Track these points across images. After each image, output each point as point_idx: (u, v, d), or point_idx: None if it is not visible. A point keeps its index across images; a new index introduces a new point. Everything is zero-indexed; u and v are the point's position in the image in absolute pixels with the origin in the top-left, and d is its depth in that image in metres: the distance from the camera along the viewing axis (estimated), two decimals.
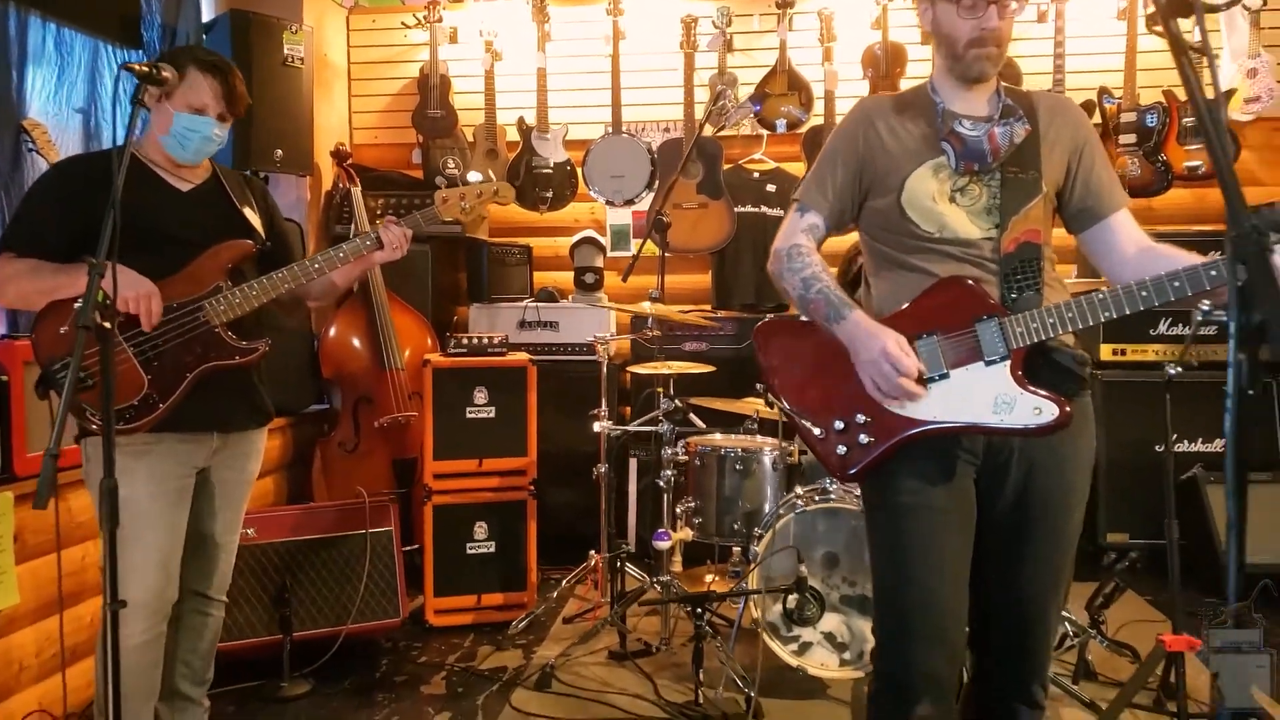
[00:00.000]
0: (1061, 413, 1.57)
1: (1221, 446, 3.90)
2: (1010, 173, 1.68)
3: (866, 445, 1.66)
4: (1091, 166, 1.74)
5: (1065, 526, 1.69)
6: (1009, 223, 1.67)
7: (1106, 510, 3.98)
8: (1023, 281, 1.65)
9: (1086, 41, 4.21)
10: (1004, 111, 1.71)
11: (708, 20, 4.25)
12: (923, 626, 1.63)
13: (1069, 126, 1.74)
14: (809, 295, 1.72)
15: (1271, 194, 4.14)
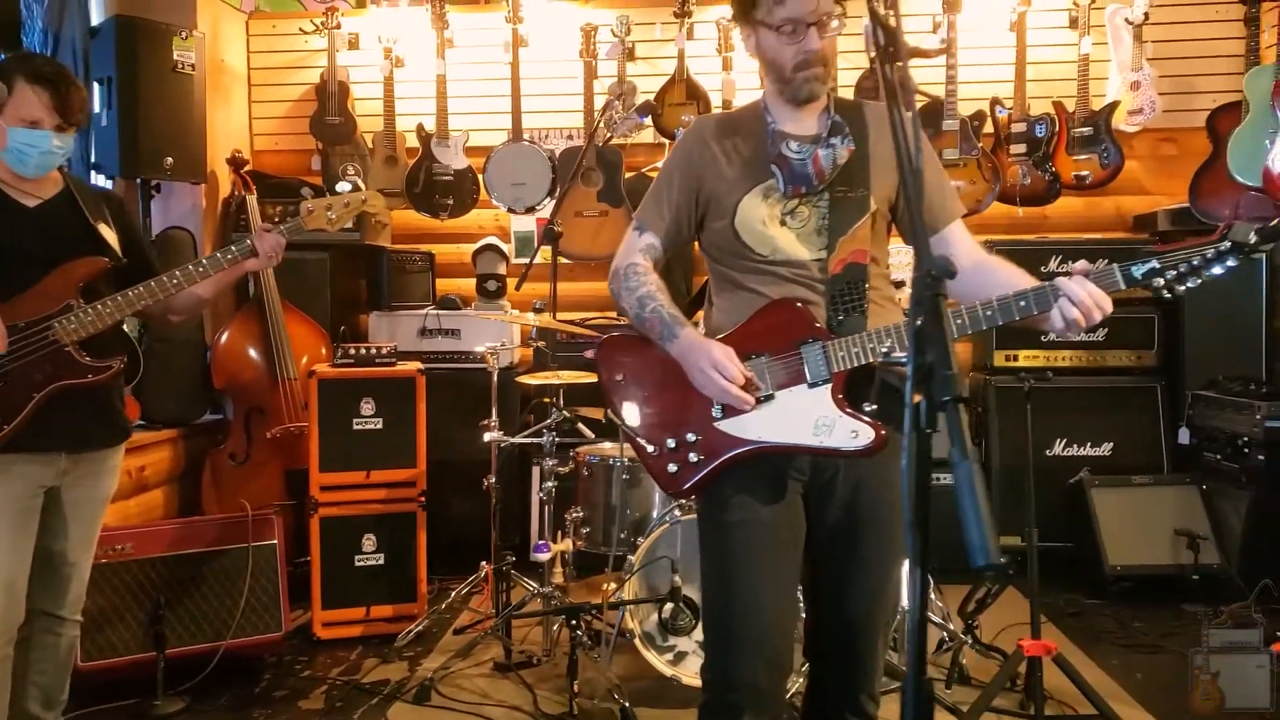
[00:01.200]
0: (877, 436, 1.60)
1: (1109, 450, 4.03)
2: (839, 193, 1.70)
3: (696, 464, 1.68)
4: (926, 180, 1.75)
5: (892, 539, 1.71)
6: (836, 244, 1.69)
7: (998, 514, 4.06)
8: (848, 304, 1.68)
9: (980, 53, 4.30)
10: (832, 129, 1.72)
11: (608, 29, 4.26)
12: (745, 638, 1.65)
13: (890, 140, 1.76)
14: (644, 314, 1.73)
15: (1158, 202, 4.27)
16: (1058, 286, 1.51)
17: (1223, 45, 4.04)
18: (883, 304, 1.73)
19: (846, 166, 1.69)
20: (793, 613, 1.71)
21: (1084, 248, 4.10)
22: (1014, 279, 1.64)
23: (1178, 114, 4.20)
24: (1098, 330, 4.08)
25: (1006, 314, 1.54)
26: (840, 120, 1.72)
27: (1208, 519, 3.70)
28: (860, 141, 1.71)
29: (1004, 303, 1.54)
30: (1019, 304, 1.53)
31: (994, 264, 1.70)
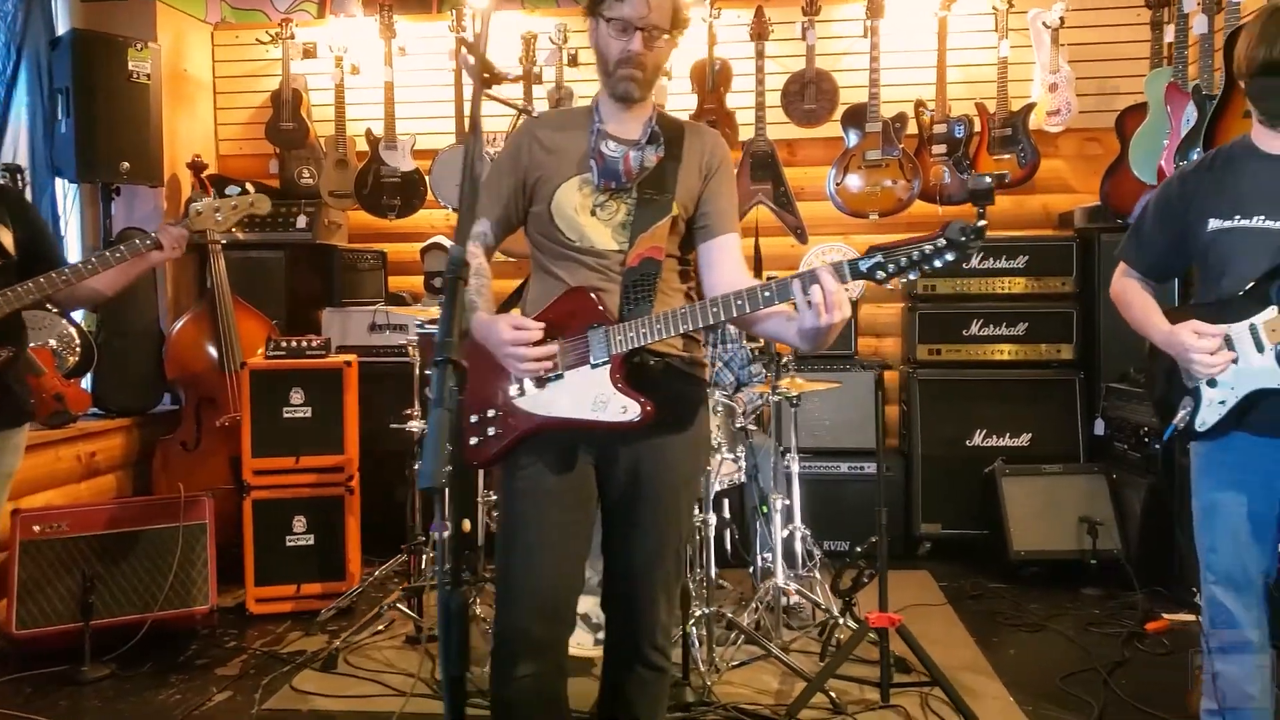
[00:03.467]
0: (643, 412, 1.75)
1: (1027, 441, 4.14)
2: (647, 194, 1.85)
3: (494, 437, 1.85)
4: (717, 192, 1.91)
5: (671, 502, 1.88)
6: (636, 239, 1.84)
7: (921, 502, 4.19)
8: (639, 294, 1.82)
9: (904, 56, 4.43)
10: (650, 137, 1.87)
11: (547, 36, 4.44)
12: (524, 593, 1.81)
13: (705, 154, 1.91)
14: None
15: (1082, 200, 4.37)
16: (815, 273, 1.64)
17: (1136, 48, 4.14)
18: (671, 295, 1.89)
19: (657, 172, 1.85)
20: (575, 572, 1.87)
21: (1006, 245, 4.22)
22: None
23: (1100, 114, 4.30)
24: (1018, 324, 4.19)
25: (754, 303, 1.69)
26: (659, 131, 1.88)
27: (1112, 507, 3.81)
28: (674, 153, 1.88)
29: (751, 292, 1.69)
30: (764, 294, 1.68)
31: (748, 278, 1.85)
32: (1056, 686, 2.79)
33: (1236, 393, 2.03)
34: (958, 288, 4.24)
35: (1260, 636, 2.18)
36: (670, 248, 1.88)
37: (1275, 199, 1.99)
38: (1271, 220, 2.00)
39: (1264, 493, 2.09)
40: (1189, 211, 2.09)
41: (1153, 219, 2.18)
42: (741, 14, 4.40)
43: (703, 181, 1.90)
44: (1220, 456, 2.14)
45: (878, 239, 4.63)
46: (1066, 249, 4.18)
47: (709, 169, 1.90)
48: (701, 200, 1.90)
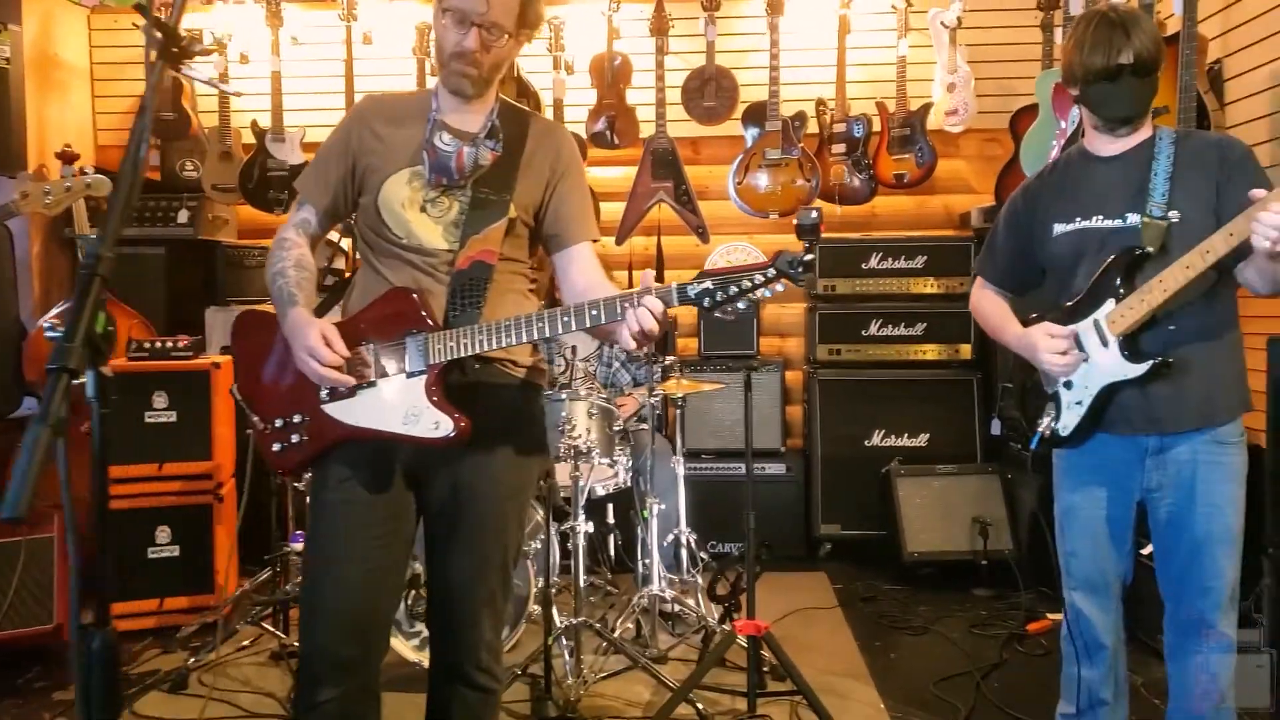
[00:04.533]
0: (457, 429, 1.64)
1: (925, 441, 4.12)
2: (482, 193, 1.74)
3: (299, 444, 1.73)
4: (566, 198, 1.81)
5: (495, 518, 1.77)
6: (467, 240, 1.73)
7: (821, 503, 4.14)
8: (468, 299, 1.71)
9: (806, 54, 4.39)
10: (489, 132, 1.77)
11: None
12: (329, 611, 1.69)
13: (551, 155, 1.80)
14: (273, 289, 1.76)
15: (984, 200, 4.36)
16: (636, 297, 1.55)
17: (1032, 49, 4.14)
18: (508, 301, 1.76)
19: (495, 170, 1.74)
20: (387, 590, 1.75)
21: (906, 245, 4.20)
22: None
23: (1000, 115, 4.29)
24: (917, 324, 4.17)
25: (580, 320, 1.59)
26: (499, 126, 1.78)
27: (1005, 507, 3.80)
28: (515, 150, 1.76)
29: (579, 308, 1.60)
30: (591, 313, 1.58)
31: (603, 288, 1.75)
32: (930, 691, 2.75)
33: (1090, 390, 2.03)
34: (858, 288, 4.21)
35: (1115, 640, 2.16)
36: (509, 251, 1.78)
37: (1109, 198, 2.02)
38: (1109, 219, 2.02)
39: (1120, 494, 2.08)
40: (1034, 221, 2.12)
41: (1003, 231, 2.21)
42: (643, 8, 4.32)
43: (548, 187, 1.79)
44: (1079, 459, 2.13)
45: (781, 240, 4.58)
46: (965, 249, 4.17)
47: (556, 172, 1.79)
48: (549, 207, 1.80)
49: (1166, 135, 1.99)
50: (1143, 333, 1.95)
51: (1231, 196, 1.90)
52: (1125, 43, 1.91)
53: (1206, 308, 1.96)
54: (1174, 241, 1.91)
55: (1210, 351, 1.98)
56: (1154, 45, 1.94)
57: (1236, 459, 2.01)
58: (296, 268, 1.76)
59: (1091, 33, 1.96)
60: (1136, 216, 1.96)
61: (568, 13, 4.36)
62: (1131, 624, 2.24)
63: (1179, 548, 2.03)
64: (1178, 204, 1.93)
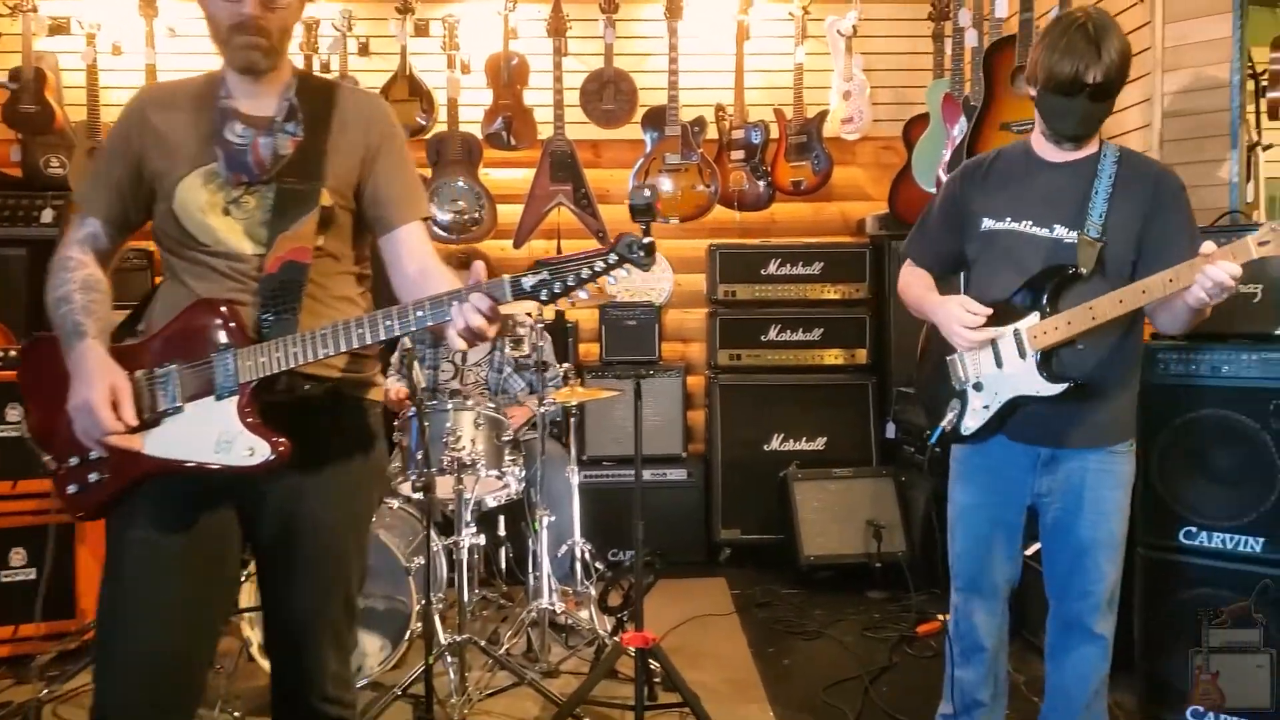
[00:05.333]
0: (275, 453, 1.48)
1: (822, 445, 4.15)
2: (287, 184, 1.56)
3: (99, 483, 1.53)
4: (386, 174, 1.64)
5: (334, 546, 1.64)
6: (275, 239, 1.55)
7: (721, 507, 4.14)
8: (281, 307, 1.53)
9: (705, 59, 4.38)
10: (287, 114, 1.58)
11: (330, 22, 4.15)
12: (129, 666, 1.51)
13: (362, 127, 1.63)
14: (56, 318, 1.54)
15: (879, 207, 4.43)
16: (465, 293, 1.43)
17: (926, 59, 4.23)
18: (331, 305, 1.61)
19: (300, 156, 1.56)
20: (198, 636, 1.57)
21: (803, 251, 4.23)
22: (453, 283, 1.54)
23: (895, 123, 4.36)
24: (815, 330, 4.21)
25: (405, 322, 1.45)
26: (298, 106, 1.59)
27: (899, 509, 3.86)
28: (320, 129, 1.59)
29: (402, 310, 1.46)
30: (416, 314, 1.44)
31: (439, 273, 1.61)
32: (820, 698, 2.75)
33: (1000, 398, 2.04)
34: (757, 293, 4.22)
35: (995, 643, 2.20)
36: (331, 246, 1.61)
37: (1045, 205, 2.01)
38: (1039, 227, 2.01)
39: (1012, 497, 2.12)
40: (966, 209, 2.11)
41: (937, 214, 2.20)
42: (540, 8, 4.25)
43: (364, 164, 1.62)
44: (976, 460, 2.16)
45: (684, 245, 4.54)
46: (860, 255, 4.23)
47: (371, 146, 1.62)
48: (369, 185, 1.63)
49: (1111, 153, 2.00)
50: (1059, 352, 1.96)
51: (1156, 230, 1.94)
52: (1095, 61, 1.88)
53: (1121, 338, 2.00)
54: (1105, 265, 1.92)
55: (1116, 378, 2.03)
56: (1121, 67, 1.91)
57: (1125, 468, 2.07)
58: (84, 290, 1.55)
59: (1065, 40, 1.91)
60: (1064, 230, 1.97)
61: (463, 10, 4.26)
62: (1016, 622, 2.29)
63: (1064, 551, 2.08)
64: (1110, 227, 1.95)
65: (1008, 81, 3.10)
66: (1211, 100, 2.89)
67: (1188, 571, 2.41)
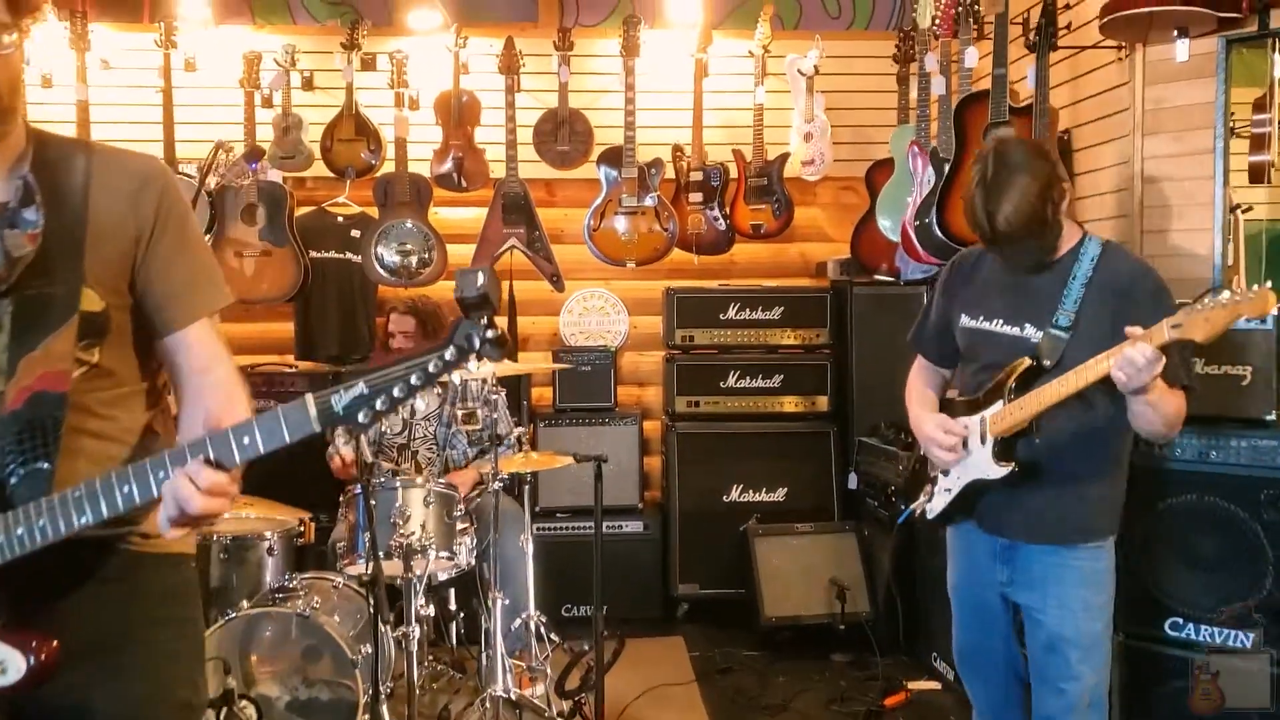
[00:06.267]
0: (34, 663, 1.17)
1: (783, 496, 4.06)
2: (32, 289, 1.21)
3: None
4: (164, 260, 1.29)
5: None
6: (18, 366, 1.21)
7: (679, 561, 4.02)
8: (30, 454, 1.20)
9: (663, 97, 4.27)
10: (23, 197, 1.22)
11: (273, 57, 3.97)
12: None
13: (131, 204, 1.27)
14: None
15: (840, 249, 4.35)
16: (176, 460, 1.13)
17: (889, 98, 4.15)
18: (115, 440, 1.28)
19: (46, 250, 1.21)
20: None
21: (763, 295, 4.13)
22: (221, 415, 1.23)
23: (856, 163, 4.29)
24: (775, 376, 4.11)
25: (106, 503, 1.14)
26: (34, 182, 1.23)
27: (862, 567, 3.78)
28: (71, 209, 1.24)
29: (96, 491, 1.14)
30: (121, 490, 1.14)
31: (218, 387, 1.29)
32: None
33: (960, 481, 2.07)
34: (715, 338, 4.12)
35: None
36: (108, 360, 1.27)
37: (1017, 304, 2.02)
38: (1010, 325, 2.03)
39: (986, 581, 2.11)
40: (951, 304, 2.15)
41: (932, 308, 2.24)
42: (493, 43, 4.10)
43: (136, 245, 1.27)
44: (957, 541, 2.20)
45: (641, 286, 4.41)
46: (821, 300, 4.15)
47: (144, 223, 1.27)
48: (143, 277, 1.28)
49: (1092, 249, 1.98)
50: (1018, 439, 1.97)
51: (1127, 327, 1.90)
52: (996, 212, 1.88)
53: (1085, 430, 1.97)
54: (1068, 358, 1.91)
55: (1076, 472, 1.98)
56: (1027, 210, 1.88)
57: (1091, 564, 2.02)
58: None
59: (970, 197, 1.94)
60: (1033, 329, 1.98)
61: (411, 45, 4.10)
62: None
63: (1035, 643, 2.06)
64: (1081, 321, 1.93)
65: (980, 138, 3.02)
66: (1194, 167, 2.83)
67: (1170, 664, 2.35)
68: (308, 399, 1.08)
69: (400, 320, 3.43)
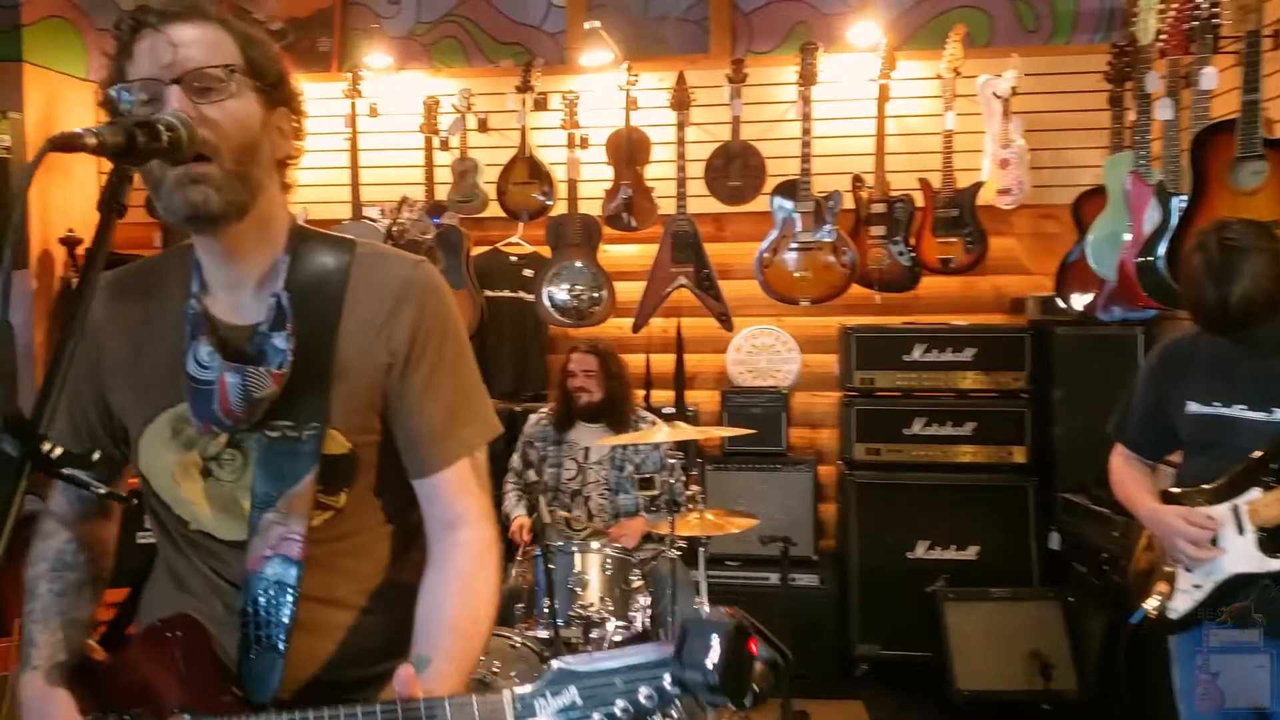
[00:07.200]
0: None
1: (974, 555, 3.73)
2: (275, 429, 1.07)
3: None
4: (420, 395, 1.11)
5: None
6: (260, 523, 1.07)
7: (858, 617, 3.78)
8: (264, 632, 1.07)
9: (841, 124, 4.03)
10: (274, 320, 1.07)
11: (450, 101, 4.05)
12: None
13: (389, 325, 1.10)
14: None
15: (1038, 282, 3.97)
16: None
17: (1098, 117, 3.73)
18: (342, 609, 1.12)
19: (290, 389, 1.06)
20: None
21: (952, 335, 3.82)
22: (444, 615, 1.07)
23: (1058, 189, 3.91)
24: (965, 423, 3.79)
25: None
26: (287, 302, 1.07)
27: (1068, 640, 3.40)
28: (323, 327, 1.08)
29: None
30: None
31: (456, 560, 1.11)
32: None
33: (1213, 578, 1.88)
34: (898, 381, 3.84)
35: None
36: (357, 503, 1.12)
37: (1259, 386, 1.87)
38: (1255, 410, 1.86)
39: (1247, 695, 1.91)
40: (1171, 392, 1.98)
41: (1140, 397, 2.08)
42: (663, 77, 4.02)
43: (389, 375, 1.11)
44: (1191, 648, 1.97)
45: (813, 323, 4.19)
46: (1018, 341, 3.79)
47: (399, 350, 1.10)
48: (396, 411, 1.12)
49: None
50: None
51: None
52: (1229, 295, 1.78)
53: None
54: None
55: None
56: (1265, 289, 1.77)
57: None
58: (52, 575, 1.16)
59: (1197, 282, 1.83)
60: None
61: (583, 84, 4.08)
62: None
63: None
64: None
65: (1224, 175, 2.61)
66: None
67: None
68: (505, 697, 0.87)
69: (582, 359, 3.39)
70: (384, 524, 1.17)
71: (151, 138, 0.94)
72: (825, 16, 4.14)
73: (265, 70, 1.08)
